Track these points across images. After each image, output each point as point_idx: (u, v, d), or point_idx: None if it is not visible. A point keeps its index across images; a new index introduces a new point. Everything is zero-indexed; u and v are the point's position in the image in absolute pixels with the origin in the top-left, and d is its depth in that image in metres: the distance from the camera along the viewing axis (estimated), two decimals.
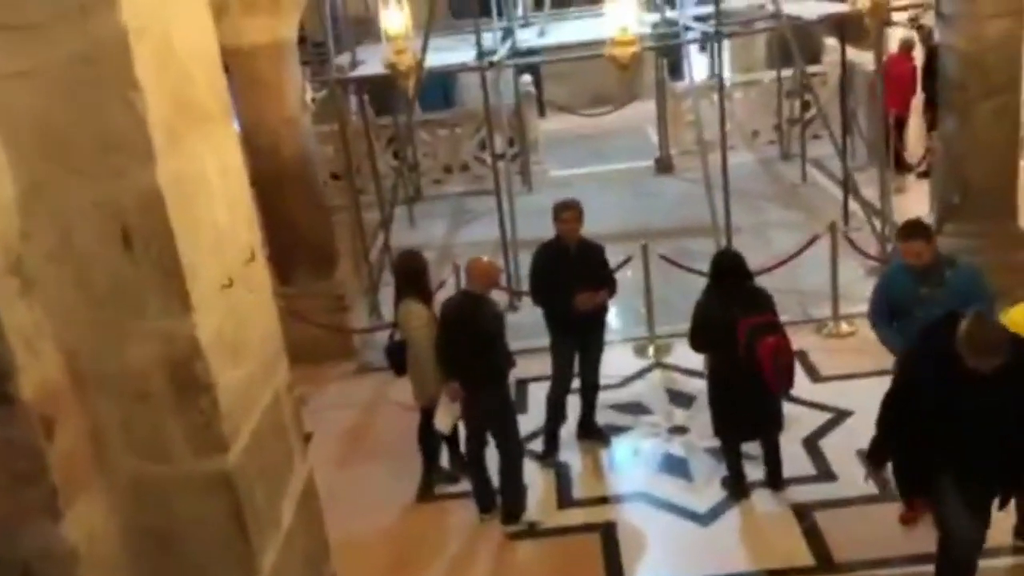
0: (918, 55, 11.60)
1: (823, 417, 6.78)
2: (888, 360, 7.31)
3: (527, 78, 13.57)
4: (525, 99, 13.34)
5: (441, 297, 6.56)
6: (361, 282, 9.39)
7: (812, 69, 13.23)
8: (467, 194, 13.60)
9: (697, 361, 7.83)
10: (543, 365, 6.94)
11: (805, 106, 13.41)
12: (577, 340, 6.53)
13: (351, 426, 7.63)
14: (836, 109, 13.68)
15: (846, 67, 10.66)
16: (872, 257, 8.96)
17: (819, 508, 5.81)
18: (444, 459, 6.65)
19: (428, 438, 6.45)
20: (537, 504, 6.23)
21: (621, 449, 6.78)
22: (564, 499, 6.28)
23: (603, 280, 6.45)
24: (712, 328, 5.58)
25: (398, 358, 6.30)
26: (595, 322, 6.52)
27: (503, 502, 5.98)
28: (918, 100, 11.78)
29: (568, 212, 6.31)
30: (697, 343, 5.81)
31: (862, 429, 6.58)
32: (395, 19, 6.47)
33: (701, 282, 9.27)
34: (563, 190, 11.87)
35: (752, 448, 6.09)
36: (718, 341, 5.58)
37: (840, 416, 6.80)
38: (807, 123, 13.21)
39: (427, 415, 6.36)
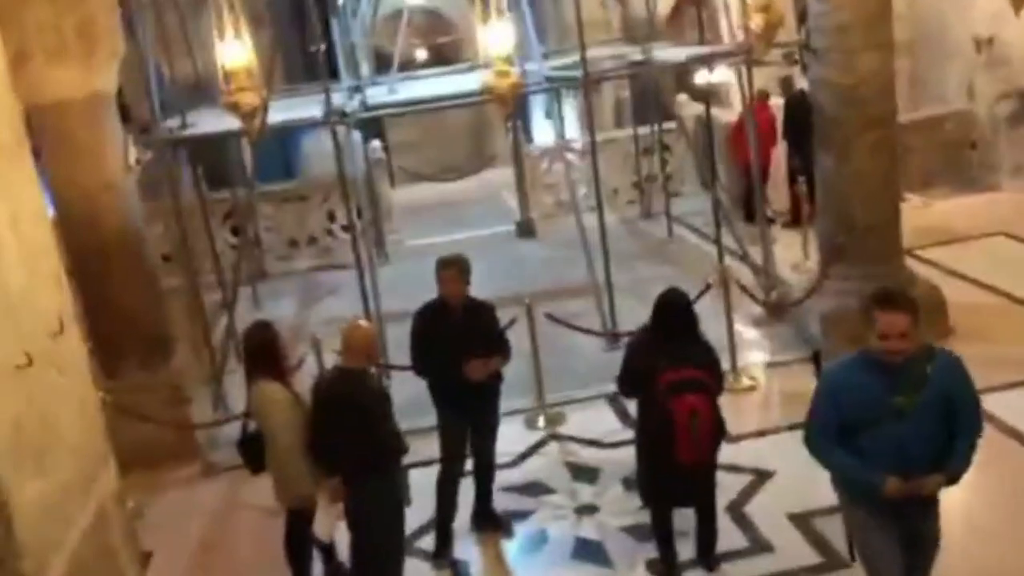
0: (774, 104, 11.52)
1: (742, 480, 6.10)
2: (802, 412, 6.85)
3: (376, 144, 12.81)
4: (376, 166, 12.56)
5: (301, 379, 5.55)
6: (202, 371, 8.19)
7: (667, 125, 13.12)
8: (317, 269, 12.59)
9: (597, 429, 7.11)
10: (426, 447, 6.02)
11: (663, 163, 13.27)
12: (468, 415, 5.64)
13: (201, 540, 6.41)
14: (691, 165, 13.78)
15: (710, 116, 10.35)
16: (763, 303, 8.56)
17: None
18: (319, 573, 5.57)
19: (297, 547, 5.37)
20: None
21: (525, 537, 5.87)
22: None
23: (495, 344, 5.62)
24: (634, 377, 4.84)
25: (254, 452, 5.24)
26: (488, 393, 5.66)
27: None
28: (778, 150, 11.67)
29: (450, 270, 5.48)
30: (622, 387, 5.08)
31: (787, 490, 6.00)
32: (234, 51, 5.55)
33: (588, 344, 8.87)
34: (422, 260, 11.09)
35: (677, 522, 5.31)
36: (638, 392, 4.84)
37: (761, 477, 6.15)
38: (667, 179, 13.02)
39: (295, 518, 5.29)
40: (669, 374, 4.73)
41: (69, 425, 3.47)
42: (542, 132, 16.47)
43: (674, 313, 4.97)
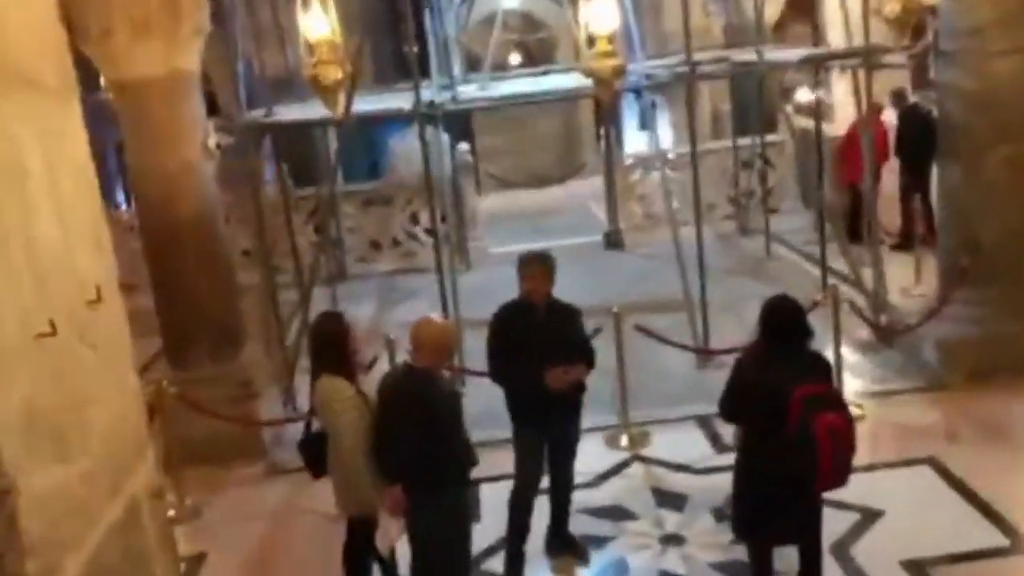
0: (887, 117, 10.78)
1: (849, 519, 5.47)
2: (914, 447, 6.21)
3: (464, 146, 12.48)
4: (462, 169, 12.20)
5: (371, 380, 5.15)
6: (274, 368, 7.89)
7: (769, 138, 12.50)
8: (397, 272, 12.30)
9: (686, 453, 6.55)
10: (497, 462, 5.56)
11: (763, 177, 12.63)
12: (546, 428, 5.16)
13: (258, 543, 6.06)
14: (793, 181, 13.10)
15: (819, 127, 9.65)
16: (874, 326, 7.89)
17: None
18: None
19: (356, 558, 4.96)
20: None
21: (603, 566, 5.35)
22: None
23: (579, 351, 5.13)
24: (755, 394, 4.27)
25: (315, 453, 4.85)
26: (569, 405, 5.17)
27: None
28: (889, 167, 10.92)
29: (535, 267, 5.02)
30: (731, 410, 4.48)
31: (900, 532, 5.37)
32: (318, 23, 5.21)
33: (678, 362, 8.32)
34: (505, 267, 10.68)
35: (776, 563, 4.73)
36: (761, 412, 4.26)
37: (868, 517, 5.51)
38: (766, 195, 12.38)
39: (355, 528, 4.88)
40: (803, 388, 4.18)
41: (101, 408, 3.06)
42: (634, 144, 15.98)
43: (792, 318, 4.40)
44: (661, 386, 7.69)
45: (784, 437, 4.12)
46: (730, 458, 6.20)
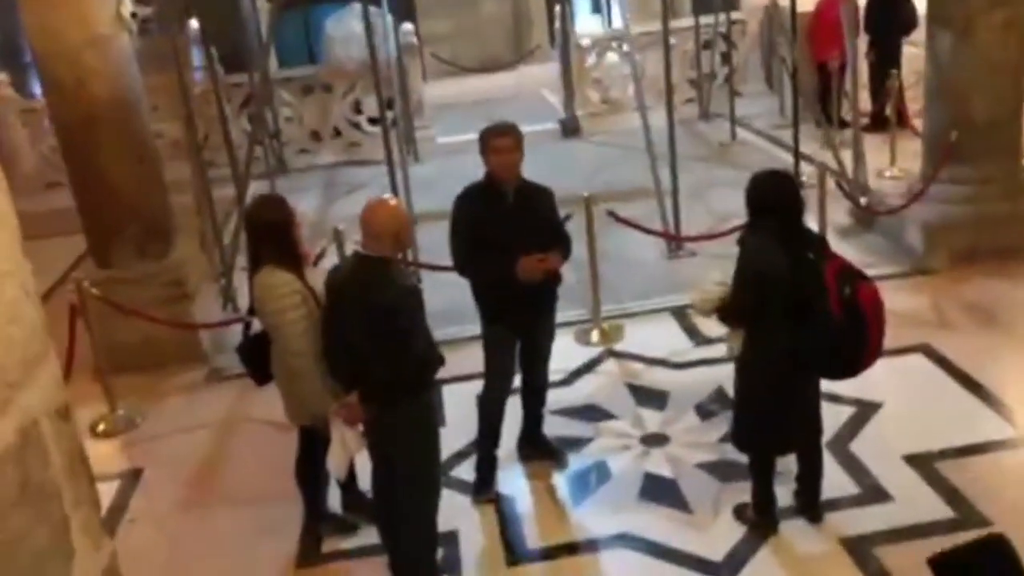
0: None
1: (845, 412, 5.08)
2: (905, 335, 5.82)
3: (408, 27, 11.60)
4: (407, 52, 11.35)
5: (318, 275, 4.54)
6: (211, 267, 7.22)
7: (732, 16, 11.84)
8: (340, 164, 11.55)
9: (662, 347, 6.10)
10: (463, 361, 5.06)
11: (725, 59, 12.02)
12: (518, 324, 4.63)
13: (200, 456, 5.51)
14: (757, 61, 12.50)
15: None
16: (859, 207, 7.47)
17: (881, 543, 4.09)
18: (336, 500, 4.66)
19: (310, 472, 4.45)
20: (476, 561, 4.31)
21: (582, 470, 4.91)
22: (515, 550, 4.37)
23: (554, 237, 4.57)
24: (777, 279, 3.76)
25: (257, 358, 4.28)
26: (544, 298, 4.64)
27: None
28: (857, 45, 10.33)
29: (504, 138, 4.40)
30: (750, 305, 3.90)
31: (900, 426, 5.00)
32: None
33: (646, 251, 7.79)
34: (455, 158, 10.05)
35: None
36: (789, 297, 3.78)
37: (865, 410, 5.13)
38: (731, 76, 11.78)
39: (308, 438, 4.36)
40: (832, 263, 3.74)
41: None
42: (587, 28, 15.19)
43: (793, 191, 3.92)
44: (631, 277, 7.21)
45: (820, 319, 3.65)
46: (710, 351, 5.86)
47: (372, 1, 7.87)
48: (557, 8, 11.90)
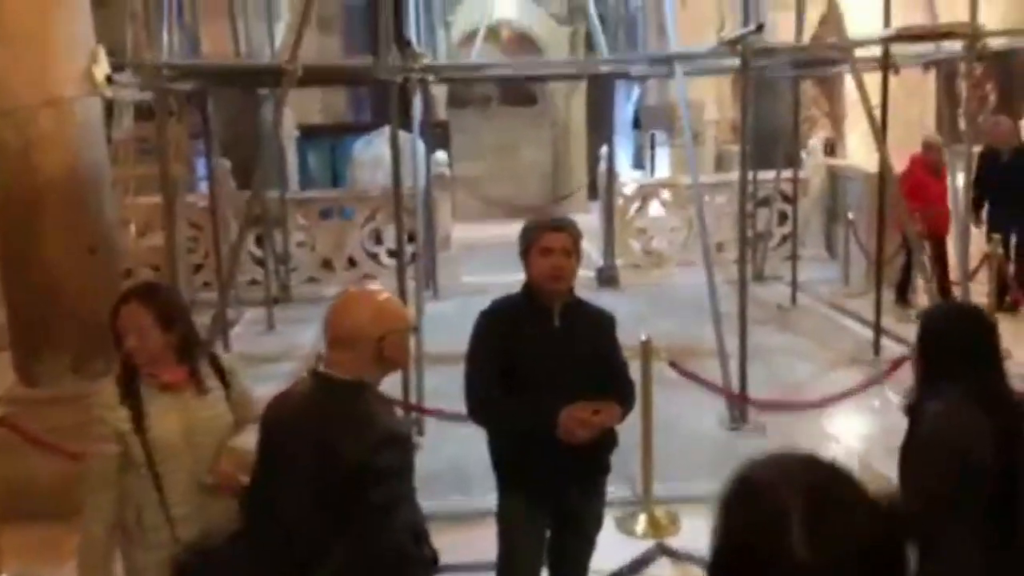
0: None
1: None
2: None
3: (441, 155, 10.68)
4: (437, 182, 10.39)
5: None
6: None
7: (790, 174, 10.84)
8: None
9: None
10: (468, 545, 3.66)
11: (782, 218, 10.99)
12: (552, 499, 3.24)
13: None
14: (818, 222, 11.48)
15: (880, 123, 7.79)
16: None
17: None
18: None
19: None
20: None
21: None
22: None
23: (612, 382, 3.24)
24: (984, 469, 2.38)
25: None
26: (591, 466, 3.27)
27: None
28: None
29: (557, 235, 3.15)
30: (937, 507, 2.49)
31: None
32: None
33: (707, 420, 6.40)
34: (480, 299, 8.84)
35: None
36: (988, 502, 2.37)
37: None
38: (786, 238, 10.72)
39: None
40: None
41: None
42: (629, 172, 14.42)
43: (994, 336, 2.59)
44: (686, 451, 5.80)
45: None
46: None
47: (405, 127, 7.00)
48: (602, 150, 10.97)
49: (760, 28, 5.19)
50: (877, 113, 6.51)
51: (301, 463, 2.17)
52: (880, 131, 6.43)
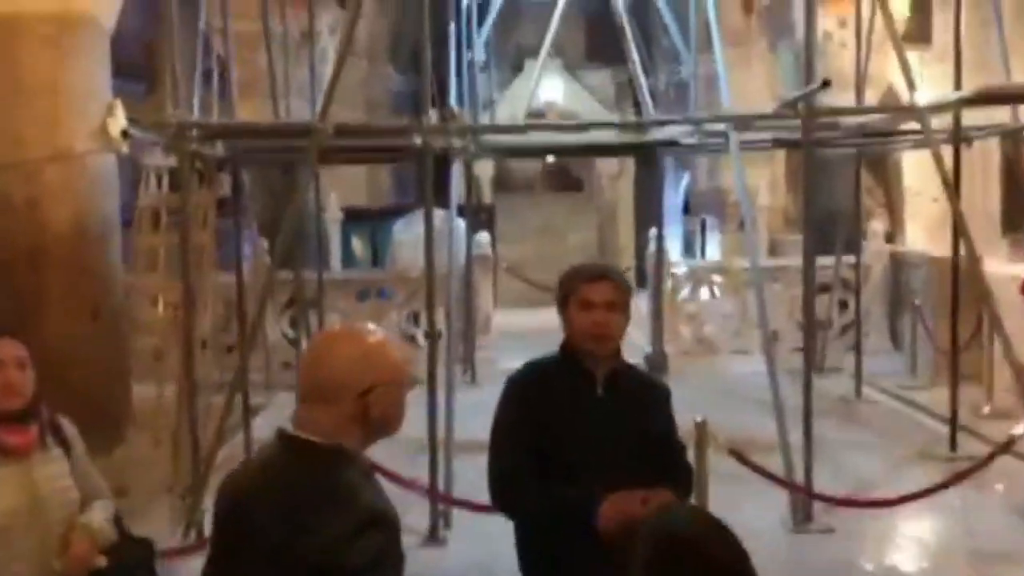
0: None
1: None
2: None
3: (484, 236, 10.35)
4: (479, 263, 10.03)
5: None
6: (177, 475, 5.40)
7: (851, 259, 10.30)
8: None
9: None
10: None
11: (842, 306, 10.39)
12: None
13: None
14: (879, 311, 10.85)
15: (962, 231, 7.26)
16: None
17: None
18: None
19: None
20: None
21: None
22: None
23: (665, 464, 2.70)
24: None
25: None
26: None
27: None
28: None
29: (600, 285, 2.65)
30: None
31: None
32: None
33: (767, 518, 5.70)
34: None
35: None
36: None
37: None
38: (847, 327, 10.12)
39: None
40: None
41: None
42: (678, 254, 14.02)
43: None
44: (748, 552, 5.15)
45: None
46: None
47: (444, 205, 6.71)
48: (651, 232, 10.55)
49: (827, 84, 4.72)
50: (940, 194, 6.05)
51: (261, 547, 1.66)
52: (959, 209, 5.89)
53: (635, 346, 11.31)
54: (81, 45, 4.54)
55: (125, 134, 4.67)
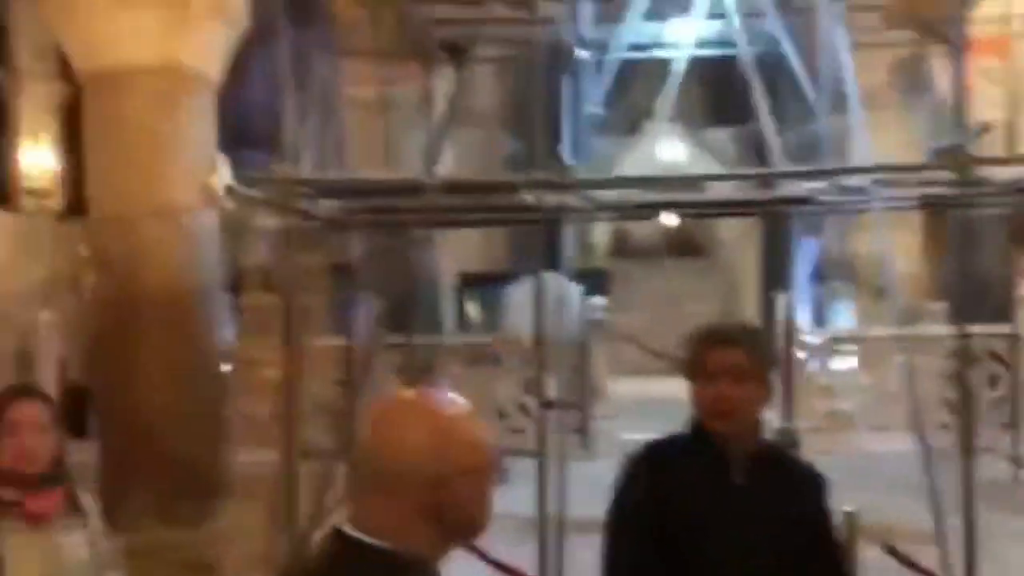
0: None
1: None
2: None
3: (599, 300, 9.99)
4: (594, 330, 9.63)
5: None
6: (272, 548, 5.13)
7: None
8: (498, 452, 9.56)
9: None
10: None
11: (992, 381, 9.52)
12: None
13: None
14: None
15: None
16: None
17: None
18: None
19: None
20: None
21: None
22: None
23: (821, 566, 2.22)
24: None
25: None
26: None
27: None
28: None
29: (728, 352, 2.21)
30: None
31: None
32: None
33: None
34: None
35: None
36: None
37: None
38: (998, 403, 9.24)
39: None
40: None
41: None
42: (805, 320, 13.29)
43: None
44: None
45: None
46: None
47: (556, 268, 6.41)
48: (780, 299, 9.95)
49: (986, 129, 4.19)
50: None
51: None
52: None
53: (765, 420, 10.70)
54: (187, 99, 4.42)
55: (229, 190, 4.50)
